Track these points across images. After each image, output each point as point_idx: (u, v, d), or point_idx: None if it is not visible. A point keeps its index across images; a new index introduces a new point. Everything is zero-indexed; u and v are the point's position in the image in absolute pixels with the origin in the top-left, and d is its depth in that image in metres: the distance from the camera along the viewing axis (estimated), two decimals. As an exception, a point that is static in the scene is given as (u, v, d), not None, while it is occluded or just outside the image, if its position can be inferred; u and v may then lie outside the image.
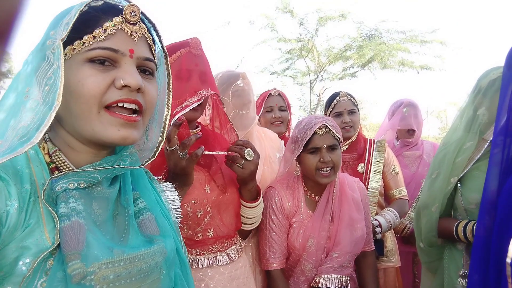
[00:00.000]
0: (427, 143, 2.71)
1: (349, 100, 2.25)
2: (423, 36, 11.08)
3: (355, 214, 1.61)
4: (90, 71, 0.63)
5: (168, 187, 0.88)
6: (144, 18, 0.71)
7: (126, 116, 0.65)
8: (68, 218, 0.59)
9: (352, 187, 1.68)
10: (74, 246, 0.57)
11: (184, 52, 1.22)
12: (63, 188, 0.62)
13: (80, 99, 0.63)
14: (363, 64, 11.56)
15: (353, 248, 1.58)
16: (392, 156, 2.30)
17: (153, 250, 0.68)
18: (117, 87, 0.64)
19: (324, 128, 1.53)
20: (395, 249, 2.26)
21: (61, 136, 0.69)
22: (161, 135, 0.78)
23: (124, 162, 0.70)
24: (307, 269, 1.56)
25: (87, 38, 0.64)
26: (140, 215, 0.72)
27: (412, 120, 2.60)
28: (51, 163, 0.66)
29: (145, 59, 0.69)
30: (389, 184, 2.23)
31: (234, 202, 1.32)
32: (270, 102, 2.23)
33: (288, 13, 11.16)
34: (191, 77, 1.22)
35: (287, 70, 12.63)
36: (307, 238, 1.55)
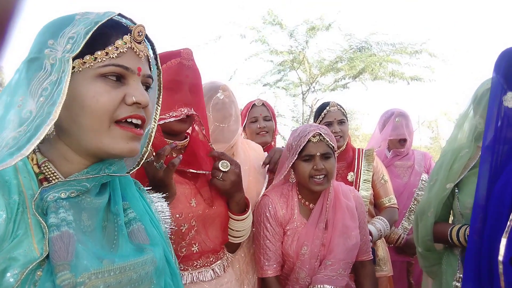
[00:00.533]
0: (418, 153, 2.75)
1: (338, 110, 2.28)
2: (412, 47, 11.27)
3: (349, 222, 1.62)
4: (104, 87, 0.66)
5: (158, 198, 0.89)
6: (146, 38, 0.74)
7: (134, 130, 0.69)
8: (58, 228, 0.59)
9: (346, 195, 1.69)
10: (63, 257, 0.57)
11: (175, 63, 1.20)
12: (55, 197, 0.62)
13: (93, 113, 0.65)
14: (354, 75, 11.69)
15: (346, 255, 1.58)
16: (380, 165, 2.32)
17: (143, 260, 0.68)
18: (127, 104, 0.67)
19: (318, 136, 1.56)
20: (387, 258, 2.26)
21: (57, 148, 0.69)
22: (146, 146, 0.80)
23: (108, 169, 0.71)
24: (301, 277, 1.55)
25: (100, 54, 0.66)
26: (130, 225, 0.72)
27: (404, 130, 2.63)
28: (40, 173, 0.66)
29: (147, 76, 0.73)
30: (378, 193, 2.25)
31: (221, 215, 1.29)
32: (254, 112, 2.25)
33: (278, 25, 11.30)
34: (181, 88, 1.20)
35: (279, 82, 12.72)
36: (300, 245, 1.56)
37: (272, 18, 11.15)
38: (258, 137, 2.20)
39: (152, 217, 0.80)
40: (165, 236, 0.83)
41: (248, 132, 2.28)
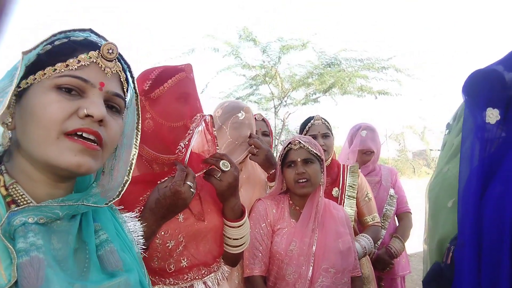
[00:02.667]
0: (384, 168, 2.80)
1: (323, 123, 2.31)
2: (379, 63, 11.72)
3: (340, 228, 1.71)
4: (56, 97, 0.64)
5: (130, 218, 0.86)
6: (120, 58, 0.73)
7: (86, 143, 0.65)
8: (26, 254, 0.57)
9: (336, 207, 1.82)
10: (32, 283, 0.55)
11: (183, 76, 1.22)
12: (22, 221, 0.60)
13: (39, 123, 0.62)
14: (325, 90, 11.98)
15: (343, 259, 1.63)
16: (365, 182, 2.34)
17: (117, 283, 0.67)
18: (79, 116, 0.64)
19: (298, 144, 1.70)
20: (372, 277, 2.27)
21: (19, 165, 0.68)
22: (127, 174, 0.77)
23: (88, 201, 0.69)
24: (287, 273, 1.58)
25: (59, 66, 0.65)
26: (101, 247, 0.70)
27: (370, 143, 2.69)
28: (8, 196, 0.64)
29: (114, 94, 0.70)
30: (362, 211, 2.26)
31: (214, 229, 1.25)
32: None
33: (251, 41, 11.46)
34: (189, 100, 1.23)
35: (251, 96, 12.83)
36: (289, 242, 1.62)
37: (247, 34, 11.31)
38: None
39: (124, 238, 0.78)
40: (138, 257, 0.81)
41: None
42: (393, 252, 2.44)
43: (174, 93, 1.19)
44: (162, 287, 1.15)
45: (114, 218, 0.80)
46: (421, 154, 21.09)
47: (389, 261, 2.44)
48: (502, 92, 1.06)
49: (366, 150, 2.69)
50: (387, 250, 2.45)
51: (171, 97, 1.19)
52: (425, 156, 20.51)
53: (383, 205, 2.59)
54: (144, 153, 1.22)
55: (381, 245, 2.52)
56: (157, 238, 1.14)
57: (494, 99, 1.07)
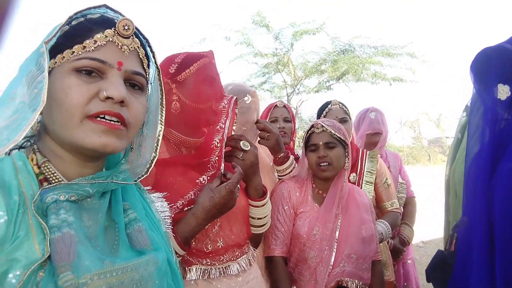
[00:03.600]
0: (390, 154, 2.74)
1: (340, 108, 2.29)
2: (394, 49, 11.50)
3: (364, 215, 1.71)
4: (75, 80, 0.64)
5: (158, 198, 0.87)
6: (138, 33, 0.72)
7: (109, 123, 0.65)
8: (59, 230, 0.59)
9: (360, 193, 1.81)
10: (65, 258, 0.57)
11: (206, 61, 1.25)
12: (54, 199, 0.61)
13: (62, 107, 0.63)
14: (338, 77, 11.86)
15: (365, 246, 1.63)
16: (384, 168, 2.30)
17: (145, 260, 0.68)
18: (100, 99, 0.64)
19: (321, 127, 1.70)
20: (389, 263, 2.26)
21: (48, 145, 0.69)
22: (154, 151, 0.78)
23: (117, 178, 0.70)
24: (310, 257, 1.59)
25: (77, 48, 0.65)
26: (130, 226, 0.71)
27: (379, 124, 2.62)
28: (40, 174, 0.66)
29: (134, 73, 0.69)
30: (381, 196, 2.23)
31: (242, 210, 1.29)
32: (275, 113, 2.25)
33: (264, 27, 11.37)
34: (214, 84, 1.26)
35: (264, 84, 12.80)
36: (312, 227, 1.62)
37: (261, 19, 11.21)
38: None
39: (152, 218, 0.79)
40: (166, 236, 0.82)
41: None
42: (405, 239, 2.43)
43: (200, 75, 1.22)
44: (199, 267, 1.18)
45: (142, 198, 0.81)
46: (437, 142, 20.77)
47: (403, 249, 2.44)
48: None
49: (375, 132, 2.63)
50: (400, 238, 2.44)
51: (197, 79, 1.21)
52: (441, 144, 20.19)
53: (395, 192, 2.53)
54: (171, 137, 1.25)
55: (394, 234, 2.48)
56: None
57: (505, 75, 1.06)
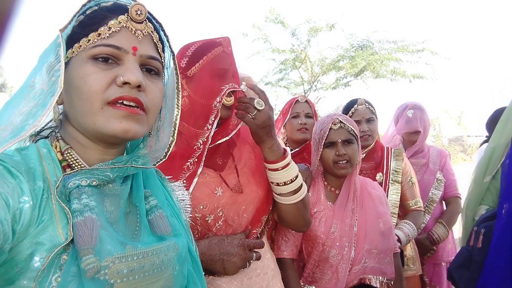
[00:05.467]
0: (433, 150, 2.63)
1: (367, 108, 2.20)
2: (414, 45, 11.27)
3: (380, 208, 1.67)
4: (92, 68, 0.65)
5: (179, 187, 0.88)
6: (151, 18, 0.72)
7: (129, 108, 0.65)
8: (81, 214, 0.60)
9: (373, 186, 1.77)
10: (87, 241, 0.58)
11: (219, 51, 1.21)
12: (76, 184, 0.62)
13: (82, 95, 0.64)
14: (356, 73, 11.70)
15: (384, 240, 1.60)
16: (409, 166, 2.24)
17: (166, 246, 0.69)
18: (117, 84, 0.65)
19: (339, 123, 1.64)
20: (415, 257, 2.22)
21: (70, 133, 0.70)
22: (172, 135, 0.78)
23: (136, 162, 0.71)
24: (331, 255, 1.57)
25: (92, 36, 0.66)
26: (151, 212, 0.72)
27: (417, 123, 2.52)
28: (63, 160, 0.67)
29: (149, 57, 0.70)
30: (405, 195, 2.18)
31: (254, 201, 1.24)
32: (296, 108, 2.21)
33: (280, 24, 11.32)
34: (226, 76, 1.21)
35: (281, 81, 12.75)
36: (329, 225, 1.59)
37: (274, 16, 11.17)
38: (298, 133, 2.16)
39: (173, 206, 0.80)
40: (186, 225, 0.83)
41: (289, 128, 2.22)
42: (435, 238, 2.35)
43: (209, 70, 1.19)
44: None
45: (163, 187, 0.82)
46: (458, 140, 20.29)
47: (430, 246, 2.36)
48: None
49: (414, 131, 2.53)
50: (428, 235, 2.37)
51: (206, 74, 1.19)
52: (462, 142, 19.72)
53: (429, 189, 2.45)
54: (185, 130, 1.22)
55: (424, 230, 2.42)
56: (196, 212, 1.15)
57: None
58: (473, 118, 18.17)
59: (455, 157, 18.26)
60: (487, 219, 1.25)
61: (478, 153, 2.94)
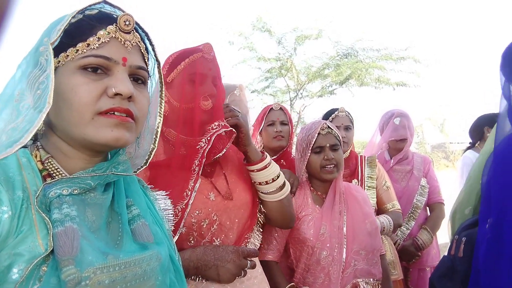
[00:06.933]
0: (417, 157, 2.67)
1: (347, 116, 2.30)
2: (397, 53, 11.51)
3: (365, 209, 1.71)
4: (82, 78, 0.64)
5: (161, 196, 0.88)
6: (138, 28, 0.73)
7: (120, 117, 0.66)
8: (61, 224, 0.59)
9: (357, 189, 1.81)
10: (68, 252, 0.57)
11: (198, 57, 1.23)
12: (57, 194, 0.62)
13: (72, 106, 0.64)
14: (341, 81, 11.86)
15: (371, 240, 1.62)
16: (382, 171, 2.31)
17: (148, 255, 0.68)
18: (109, 96, 0.65)
19: (327, 128, 1.68)
20: (396, 262, 2.24)
21: (53, 143, 0.69)
22: (153, 142, 0.79)
23: (116, 169, 0.71)
24: (322, 257, 1.57)
25: (81, 46, 0.65)
26: (133, 222, 0.72)
27: (403, 130, 2.58)
28: (44, 170, 0.66)
29: (137, 67, 0.70)
30: (382, 199, 2.23)
31: (243, 206, 1.27)
32: (271, 116, 2.23)
33: (266, 32, 11.42)
34: (204, 81, 1.23)
35: (267, 89, 12.82)
36: (319, 227, 1.61)
37: (261, 24, 11.27)
38: (274, 141, 2.18)
39: (155, 214, 0.79)
40: (169, 234, 0.83)
41: (265, 136, 2.25)
42: (419, 243, 2.38)
43: (186, 74, 1.21)
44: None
45: (145, 196, 0.81)
46: (440, 147, 20.70)
47: (415, 252, 2.39)
48: None
49: (400, 138, 2.59)
50: (413, 241, 2.40)
51: (182, 79, 1.21)
52: (444, 149, 20.12)
53: (413, 195, 2.51)
54: (171, 136, 1.24)
55: (409, 236, 2.46)
56: (192, 218, 1.16)
57: None
58: (456, 125, 18.59)
59: (438, 163, 18.60)
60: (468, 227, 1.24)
61: (462, 160, 3.01)
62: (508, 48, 1.08)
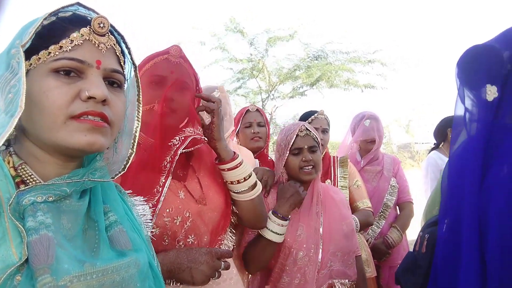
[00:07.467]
0: (387, 157, 2.75)
1: (325, 119, 2.35)
2: (365, 56, 11.84)
3: (343, 211, 1.74)
4: (54, 82, 0.62)
5: (139, 201, 0.87)
6: (113, 30, 0.71)
7: (93, 121, 0.64)
8: (36, 232, 0.57)
9: (335, 191, 1.84)
10: (43, 260, 0.55)
11: (161, 59, 1.21)
12: (31, 201, 0.60)
13: (44, 110, 0.62)
14: (312, 83, 12.06)
15: (348, 242, 1.65)
16: (354, 170, 2.39)
17: (127, 262, 0.67)
18: (82, 99, 0.63)
19: (305, 130, 1.70)
20: (370, 260, 2.31)
21: (26, 148, 0.67)
22: (131, 147, 0.77)
23: (93, 175, 0.69)
24: (299, 258, 1.59)
25: (53, 48, 0.63)
26: (111, 228, 0.70)
27: (373, 132, 2.66)
28: (17, 176, 0.64)
29: (112, 70, 0.68)
30: (353, 197, 2.30)
31: (217, 208, 1.26)
32: (248, 117, 2.25)
33: (239, 33, 11.43)
34: (164, 84, 1.20)
35: (239, 89, 12.84)
36: (296, 228, 1.62)
37: (234, 25, 11.27)
38: (251, 142, 2.20)
39: (133, 220, 0.78)
40: (147, 240, 0.81)
41: (242, 137, 2.27)
42: (390, 242, 2.47)
43: (147, 77, 1.20)
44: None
45: (123, 201, 0.80)
46: (406, 147, 21.41)
47: (386, 250, 2.47)
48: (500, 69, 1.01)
49: (370, 139, 2.67)
50: (384, 240, 2.48)
51: (143, 81, 1.18)
52: (410, 149, 20.83)
53: (384, 195, 2.59)
54: (142, 140, 1.22)
55: (380, 235, 2.53)
56: (164, 217, 1.15)
57: (493, 75, 1.02)
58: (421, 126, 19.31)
59: (404, 163, 19.22)
60: (432, 224, 1.28)
61: (427, 160, 3.14)
62: (462, 57, 1.10)
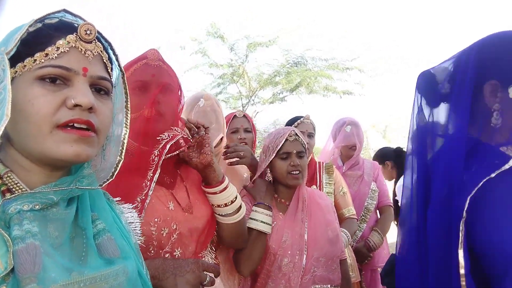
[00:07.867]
0: (367, 162, 2.81)
1: (311, 124, 2.38)
2: (343, 63, 12.07)
3: (328, 216, 1.74)
4: (40, 90, 0.61)
5: (128, 209, 0.86)
6: (100, 37, 0.70)
7: (80, 131, 0.63)
8: (22, 241, 0.56)
9: (321, 196, 1.85)
10: (30, 269, 0.54)
11: (141, 64, 1.19)
12: (17, 210, 0.58)
13: (29, 118, 0.61)
14: (291, 89, 12.18)
15: (332, 247, 1.66)
16: (340, 177, 2.42)
17: (115, 270, 0.66)
18: (68, 107, 0.62)
19: (294, 135, 1.70)
20: (354, 265, 2.34)
21: (12, 156, 0.66)
22: (120, 154, 0.76)
23: (80, 183, 0.68)
24: (284, 264, 1.59)
25: (39, 56, 0.62)
26: (99, 236, 0.69)
27: (354, 138, 2.72)
28: (3, 185, 0.62)
29: (99, 78, 0.68)
30: (338, 204, 2.32)
31: (203, 218, 1.25)
32: (235, 123, 2.25)
33: (219, 38, 11.45)
34: (148, 89, 1.18)
35: (219, 95, 12.81)
36: (281, 234, 1.62)
37: (215, 30, 11.28)
38: None
39: (121, 228, 0.77)
40: (136, 247, 0.80)
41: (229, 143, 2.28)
42: (371, 245, 2.51)
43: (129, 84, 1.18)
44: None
45: (111, 209, 0.79)
46: (383, 152, 21.89)
47: (367, 253, 2.51)
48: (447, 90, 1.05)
49: (351, 145, 2.73)
50: (365, 243, 2.52)
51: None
52: (387, 154, 21.31)
53: (364, 199, 2.64)
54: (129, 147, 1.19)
55: (361, 238, 2.58)
56: (151, 226, 1.12)
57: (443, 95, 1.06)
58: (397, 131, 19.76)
59: (381, 167, 19.55)
60: None
61: None
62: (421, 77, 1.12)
